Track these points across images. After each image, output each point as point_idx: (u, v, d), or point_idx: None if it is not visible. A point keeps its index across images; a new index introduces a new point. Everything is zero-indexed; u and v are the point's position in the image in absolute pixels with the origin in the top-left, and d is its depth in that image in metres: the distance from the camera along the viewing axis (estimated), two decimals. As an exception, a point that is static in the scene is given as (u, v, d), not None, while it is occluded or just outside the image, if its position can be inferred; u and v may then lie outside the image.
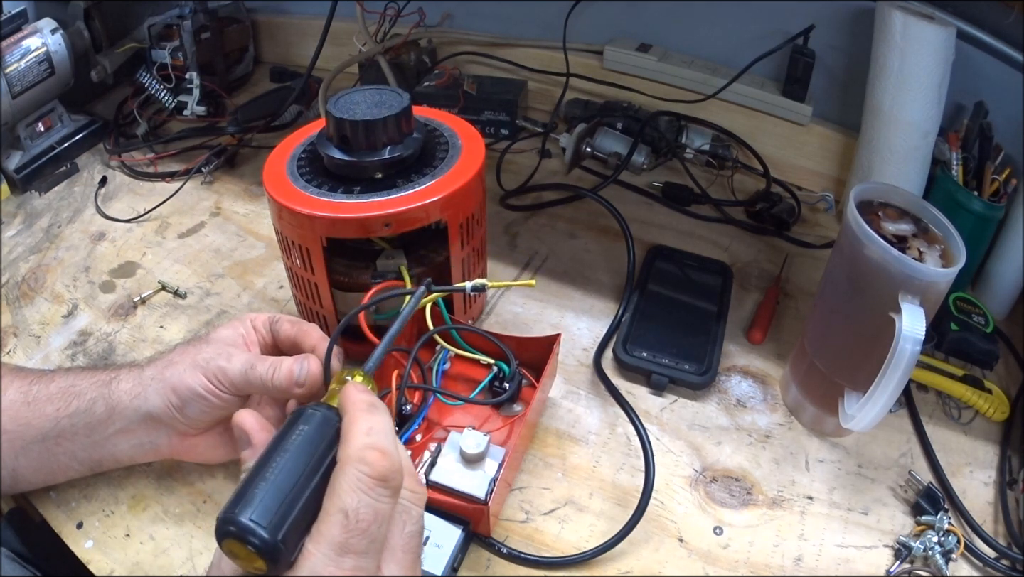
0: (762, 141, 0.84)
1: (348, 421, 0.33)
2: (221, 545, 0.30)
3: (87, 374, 0.46)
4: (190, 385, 0.44)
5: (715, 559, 0.48)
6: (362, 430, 0.32)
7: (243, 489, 0.30)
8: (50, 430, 0.44)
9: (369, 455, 0.30)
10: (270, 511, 0.29)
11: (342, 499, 0.30)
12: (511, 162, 0.86)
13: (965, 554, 0.48)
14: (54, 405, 0.44)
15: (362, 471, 0.30)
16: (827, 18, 0.75)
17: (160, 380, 0.44)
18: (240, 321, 0.48)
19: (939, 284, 0.45)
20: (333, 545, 0.29)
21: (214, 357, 0.44)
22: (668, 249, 0.72)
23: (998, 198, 0.63)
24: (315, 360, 0.44)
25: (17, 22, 0.79)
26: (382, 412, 0.34)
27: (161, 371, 0.45)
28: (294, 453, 0.31)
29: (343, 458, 0.31)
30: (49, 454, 0.45)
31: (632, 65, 0.88)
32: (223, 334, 0.47)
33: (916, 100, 0.67)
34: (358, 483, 0.30)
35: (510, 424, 0.55)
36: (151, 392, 0.44)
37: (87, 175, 0.87)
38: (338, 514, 0.29)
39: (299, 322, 0.49)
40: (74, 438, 0.45)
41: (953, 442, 0.56)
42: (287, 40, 1.07)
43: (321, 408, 0.34)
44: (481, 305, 0.66)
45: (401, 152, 0.53)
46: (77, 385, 0.45)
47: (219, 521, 0.30)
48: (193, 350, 0.45)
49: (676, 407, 0.59)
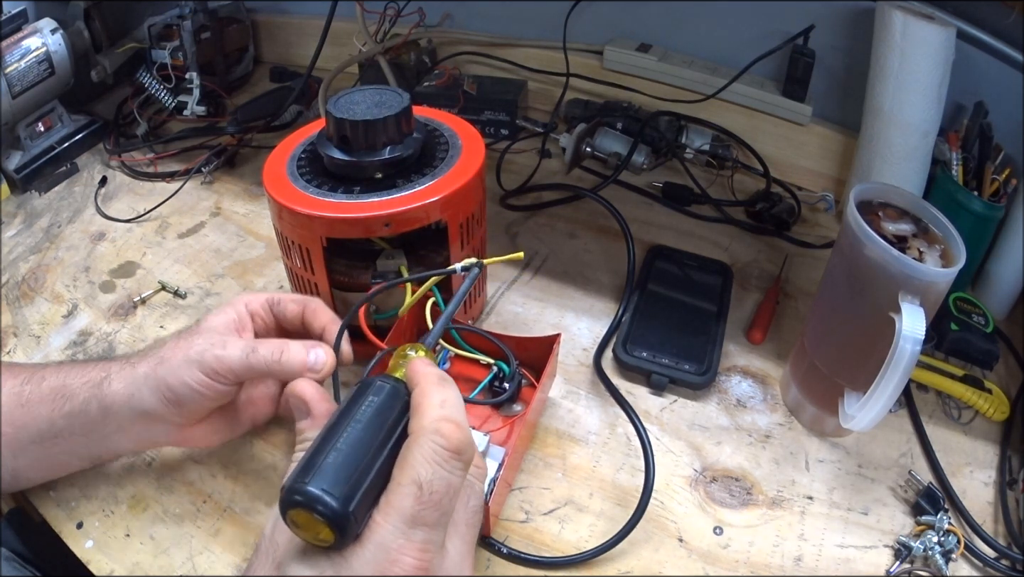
0: (762, 141, 0.84)
1: (420, 393, 0.32)
2: (285, 515, 0.29)
3: (77, 372, 0.45)
4: (185, 381, 0.43)
5: (715, 559, 0.48)
6: (435, 402, 0.31)
7: (311, 459, 0.29)
8: (46, 431, 0.44)
9: (444, 427, 0.30)
10: (341, 481, 0.28)
11: (416, 470, 0.29)
12: (511, 162, 0.86)
13: (965, 554, 0.48)
14: (48, 406, 0.43)
15: (437, 442, 0.29)
16: (827, 18, 0.75)
17: (154, 378, 0.43)
18: (231, 305, 0.46)
19: (939, 284, 0.45)
20: (404, 517, 0.28)
21: (208, 348, 0.43)
22: (668, 249, 0.72)
23: (998, 198, 0.63)
24: (329, 350, 0.43)
25: (17, 22, 0.79)
26: (452, 386, 0.33)
27: (154, 369, 0.43)
28: (365, 424, 0.30)
29: (417, 429, 0.30)
30: (47, 453, 0.45)
31: (632, 65, 0.89)
32: (214, 322, 0.45)
33: (916, 100, 0.67)
34: (433, 454, 0.29)
35: (510, 424, 0.55)
36: (146, 392, 0.43)
37: (87, 175, 0.87)
38: (411, 485, 0.29)
39: (304, 300, 0.46)
40: (71, 438, 0.44)
41: (953, 442, 0.56)
42: (287, 40, 1.07)
43: (389, 380, 0.33)
44: (481, 305, 0.66)
45: (401, 152, 0.53)
46: (69, 385, 0.44)
47: (285, 491, 0.29)
48: (184, 344, 0.44)
49: (676, 407, 0.59)
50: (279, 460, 0.54)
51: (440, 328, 0.40)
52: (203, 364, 0.42)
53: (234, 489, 0.52)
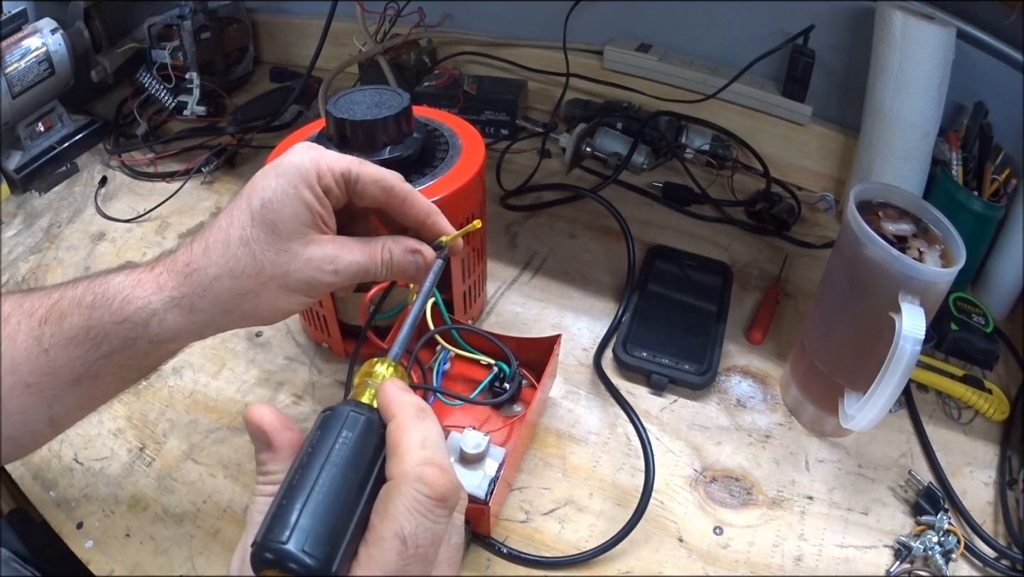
0: (762, 141, 0.84)
1: (397, 429, 0.29)
2: (258, 573, 0.26)
3: (103, 310, 0.37)
4: (287, 310, 0.37)
5: (715, 559, 0.48)
6: (415, 442, 0.28)
7: (284, 508, 0.26)
8: (83, 373, 0.37)
9: (428, 473, 0.27)
10: (322, 539, 0.26)
11: (399, 523, 0.27)
12: (511, 162, 0.86)
13: (965, 554, 0.48)
14: (78, 349, 0.37)
15: (420, 491, 0.27)
16: (827, 18, 0.75)
17: (236, 312, 0.37)
18: (305, 182, 0.36)
19: (939, 284, 0.45)
20: (388, 572, 0.26)
21: (316, 276, 0.36)
22: (668, 249, 0.72)
23: (998, 198, 0.63)
24: (430, 253, 0.39)
25: (17, 22, 0.79)
26: (431, 418, 0.30)
27: (236, 303, 0.36)
28: (341, 466, 0.27)
29: (398, 475, 0.27)
30: (90, 391, 0.38)
31: (632, 65, 0.89)
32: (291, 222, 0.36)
33: (916, 100, 0.67)
34: (416, 505, 0.27)
35: (510, 424, 0.55)
36: (223, 323, 0.37)
37: (87, 175, 0.87)
38: (394, 540, 0.26)
39: (389, 185, 0.38)
40: (116, 370, 0.38)
41: (953, 442, 0.56)
42: (287, 40, 1.07)
43: (362, 409, 0.30)
44: (481, 305, 0.66)
45: (401, 152, 0.53)
46: (98, 326, 0.37)
47: (257, 547, 0.26)
48: (272, 270, 0.36)
49: (676, 407, 0.59)
50: (279, 460, 0.54)
51: (405, 336, 0.35)
52: (312, 290, 0.37)
53: (234, 489, 0.52)
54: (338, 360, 0.62)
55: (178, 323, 0.37)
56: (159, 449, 0.55)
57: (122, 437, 0.56)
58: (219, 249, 0.36)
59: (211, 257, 0.36)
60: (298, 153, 0.37)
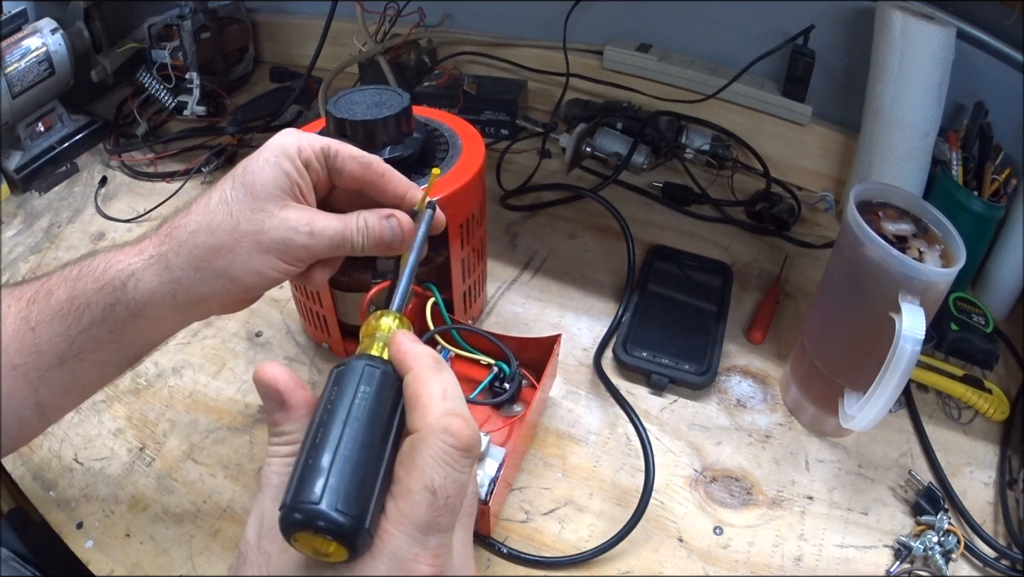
0: (762, 141, 0.84)
1: (416, 381, 0.29)
2: (290, 537, 0.26)
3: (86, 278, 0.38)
4: (261, 272, 0.37)
5: (715, 559, 0.48)
6: (436, 394, 0.28)
7: (309, 467, 0.26)
8: (67, 350, 0.37)
9: (453, 424, 0.27)
10: (352, 496, 0.25)
11: (428, 475, 0.27)
12: (511, 162, 0.86)
13: (965, 554, 0.48)
14: (61, 323, 0.37)
15: (447, 442, 0.27)
16: (827, 18, 0.75)
17: (209, 270, 0.37)
18: (286, 155, 0.37)
19: (939, 284, 0.45)
20: (419, 526, 0.26)
21: (291, 236, 0.37)
22: (668, 249, 0.72)
23: (998, 198, 0.63)
24: (406, 218, 0.39)
25: (17, 22, 0.79)
26: (447, 368, 0.30)
27: (208, 260, 0.37)
28: (364, 422, 0.27)
29: (423, 427, 0.27)
30: (75, 372, 0.39)
31: (632, 65, 0.88)
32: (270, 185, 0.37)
33: (916, 100, 0.67)
34: (444, 456, 0.27)
35: (510, 424, 0.55)
36: (195, 282, 0.37)
37: (87, 175, 0.87)
38: (424, 492, 0.26)
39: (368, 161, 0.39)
40: (99, 348, 0.38)
41: (953, 442, 0.56)
42: (287, 40, 1.07)
43: (376, 362, 0.29)
44: (481, 305, 0.66)
45: (401, 152, 0.53)
46: (81, 295, 0.37)
47: (287, 510, 0.25)
48: (247, 226, 0.37)
49: (676, 407, 0.59)
50: (279, 460, 0.54)
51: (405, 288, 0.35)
52: (286, 253, 0.37)
53: (234, 489, 0.52)
54: (338, 360, 0.62)
55: (153, 283, 0.37)
56: (159, 449, 0.55)
57: (122, 437, 0.56)
58: (199, 209, 0.38)
59: (190, 216, 0.38)
60: (282, 134, 0.39)
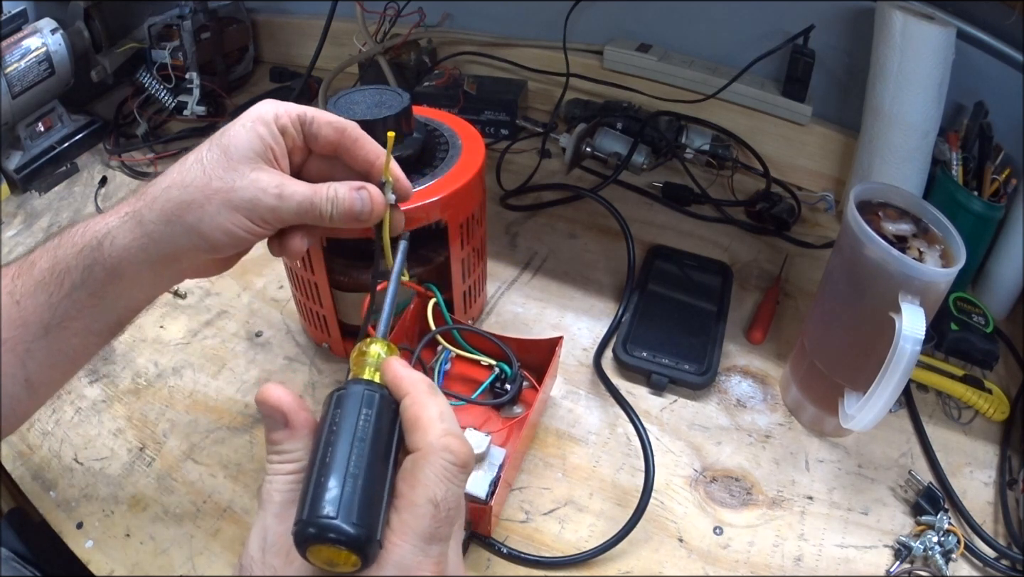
0: (762, 141, 0.84)
1: (414, 404, 0.31)
2: (305, 550, 0.27)
3: (66, 245, 0.39)
4: (228, 230, 0.38)
5: (715, 559, 0.48)
6: (435, 416, 0.31)
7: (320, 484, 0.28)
8: (50, 320, 0.38)
9: (452, 443, 0.30)
10: (362, 508, 0.27)
11: (431, 489, 0.29)
12: (511, 162, 0.86)
13: (965, 554, 0.48)
14: (44, 292, 0.38)
15: (447, 459, 0.30)
16: (827, 18, 0.75)
17: (179, 224, 0.38)
18: (262, 120, 0.39)
19: (939, 284, 0.45)
20: (423, 536, 0.29)
21: (259, 196, 0.38)
22: (668, 249, 0.72)
23: (998, 198, 0.63)
24: (376, 191, 0.39)
25: (17, 22, 0.79)
26: (439, 392, 0.33)
27: (179, 214, 0.38)
28: (368, 441, 0.29)
29: (425, 446, 0.30)
30: (60, 342, 0.39)
31: (632, 65, 0.89)
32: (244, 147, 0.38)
33: (916, 100, 0.67)
34: (445, 472, 0.29)
35: (511, 425, 0.55)
36: (166, 237, 0.38)
37: (87, 175, 0.87)
38: (428, 505, 0.29)
39: (343, 126, 0.40)
40: (81, 314, 0.39)
41: (953, 442, 0.56)
42: (287, 40, 1.07)
43: (373, 387, 0.32)
44: (481, 305, 0.66)
45: (401, 152, 0.53)
46: (61, 260, 0.39)
47: (303, 524, 0.27)
48: (219, 184, 0.38)
49: (676, 407, 0.59)
50: (279, 460, 0.54)
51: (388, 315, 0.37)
52: (253, 212, 0.38)
53: (234, 489, 0.52)
54: (338, 360, 0.62)
55: (127, 239, 0.38)
56: (159, 449, 0.55)
57: (122, 437, 0.56)
58: (175, 168, 0.39)
59: (166, 175, 0.39)
60: (261, 102, 0.40)
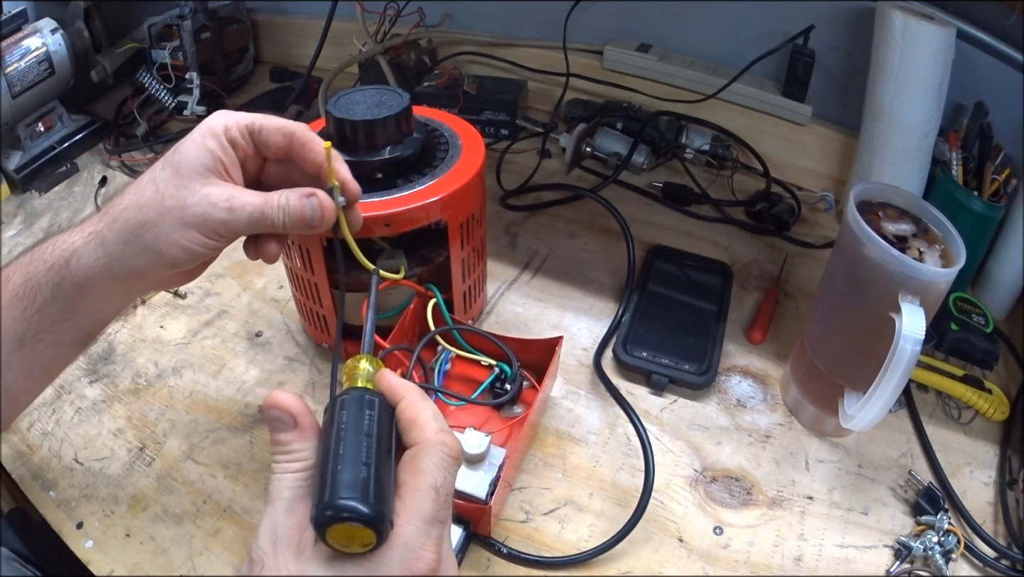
0: (762, 141, 0.84)
1: (410, 407, 0.36)
2: (326, 533, 0.30)
3: (37, 261, 0.41)
4: (184, 246, 0.39)
5: (715, 559, 0.48)
6: (430, 416, 0.35)
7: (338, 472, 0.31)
8: (24, 333, 0.41)
9: (447, 438, 0.34)
10: (376, 492, 0.31)
11: (432, 476, 0.33)
12: (511, 162, 0.86)
13: (965, 554, 0.48)
14: (18, 307, 0.40)
15: (444, 452, 0.34)
16: (827, 18, 0.75)
17: (137, 244, 0.40)
18: (211, 133, 0.41)
19: (939, 284, 0.45)
20: (426, 519, 0.32)
21: (210, 211, 0.39)
22: (668, 249, 0.72)
23: (998, 198, 0.63)
24: (325, 196, 0.41)
25: (17, 22, 0.79)
26: (428, 397, 0.37)
27: (137, 235, 0.39)
28: (375, 437, 0.33)
29: (423, 441, 0.34)
30: (35, 354, 0.42)
31: (632, 65, 0.89)
32: (194, 163, 0.40)
33: (916, 100, 0.67)
34: (443, 461, 0.34)
35: (511, 425, 0.55)
36: (126, 256, 0.40)
37: (87, 175, 0.87)
38: (430, 490, 0.33)
39: (291, 130, 0.42)
40: (53, 327, 0.41)
41: (953, 442, 0.56)
42: (287, 40, 1.07)
43: (372, 393, 0.36)
44: (481, 305, 0.66)
45: (401, 152, 0.53)
46: (33, 278, 0.41)
47: (323, 506, 0.30)
48: (171, 202, 0.39)
49: (676, 407, 0.59)
50: (279, 460, 0.54)
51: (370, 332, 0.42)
52: (206, 227, 0.39)
53: (234, 489, 0.52)
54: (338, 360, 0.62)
55: (91, 259, 0.40)
56: (159, 449, 0.55)
57: (122, 437, 0.56)
58: (132, 188, 0.41)
59: (124, 194, 0.41)
60: (213, 115, 0.42)
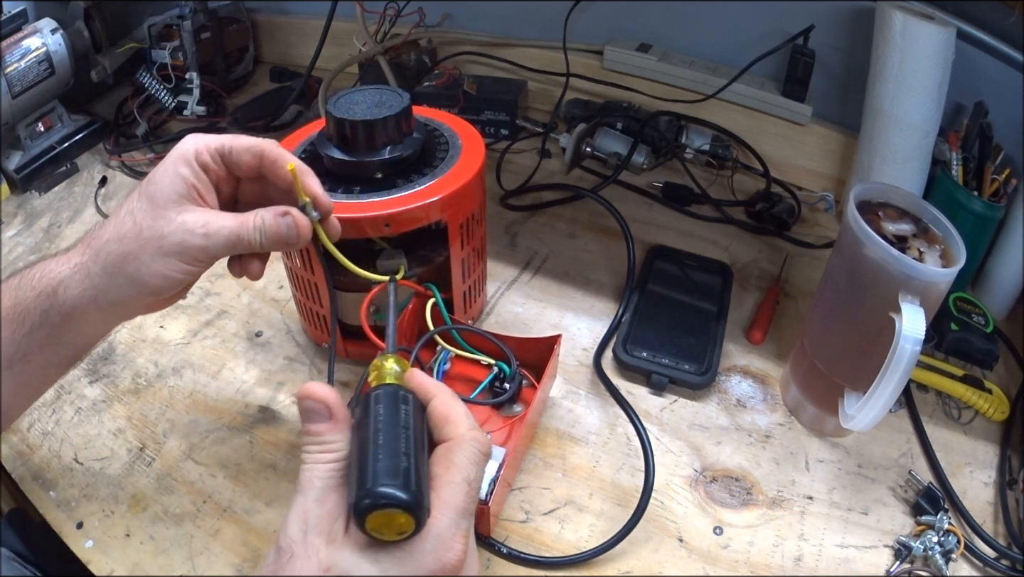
0: (762, 141, 0.84)
1: (442, 404, 0.37)
2: (365, 517, 0.31)
3: (25, 287, 0.42)
4: (164, 274, 0.41)
5: (715, 559, 0.48)
6: (462, 413, 0.37)
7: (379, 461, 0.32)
8: (14, 353, 0.42)
9: (479, 436, 0.36)
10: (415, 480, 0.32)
11: (465, 470, 0.34)
12: (511, 162, 0.86)
13: (965, 554, 0.48)
14: (8, 328, 0.42)
15: (477, 448, 0.35)
16: (827, 18, 0.75)
17: (121, 275, 0.41)
18: (183, 160, 0.41)
19: (939, 284, 0.45)
20: (459, 511, 0.33)
21: (187, 239, 0.40)
22: (668, 249, 0.72)
23: (998, 198, 0.63)
24: (299, 214, 0.42)
25: (17, 22, 0.79)
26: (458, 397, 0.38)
27: (119, 267, 0.41)
28: (411, 429, 0.35)
29: (457, 436, 0.35)
30: (23, 375, 0.43)
31: (632, 65, 0.89)
32: (168, 192, 0.40)
33: (916, 100, 0.67)
34: (475, 456, 0.35)
35: (510, 424, 0.55)
36: (111, 288, 0.41)
37: (87, 175, 0.87)
38: (463, 483, 0.34)
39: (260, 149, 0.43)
40: (41, 350, 0.43)
41: (953, 442, 0.56)
42: (287, 40, 1.07)
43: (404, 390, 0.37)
44: (481, 305, 0.66)
45: (401, 152, 0.53)
46: (21, 303, 0.42)
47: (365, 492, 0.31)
48: (149, 233, 0.40)
49: (676, 407, 0.59)
50: (279, 460, 0.54)
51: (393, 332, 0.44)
52: (185, 255, 0.41)
53: (234, 489, 0.52)
54: (338, 360, 0.62)
55: (77, 290, 0.41)
56: (159, 449, 0.55)
57: (122, 437, 0.56)
58: (112, 220, 0.42)
59: (106, 227, 0.42)
60: (184, 140, 0.42)
